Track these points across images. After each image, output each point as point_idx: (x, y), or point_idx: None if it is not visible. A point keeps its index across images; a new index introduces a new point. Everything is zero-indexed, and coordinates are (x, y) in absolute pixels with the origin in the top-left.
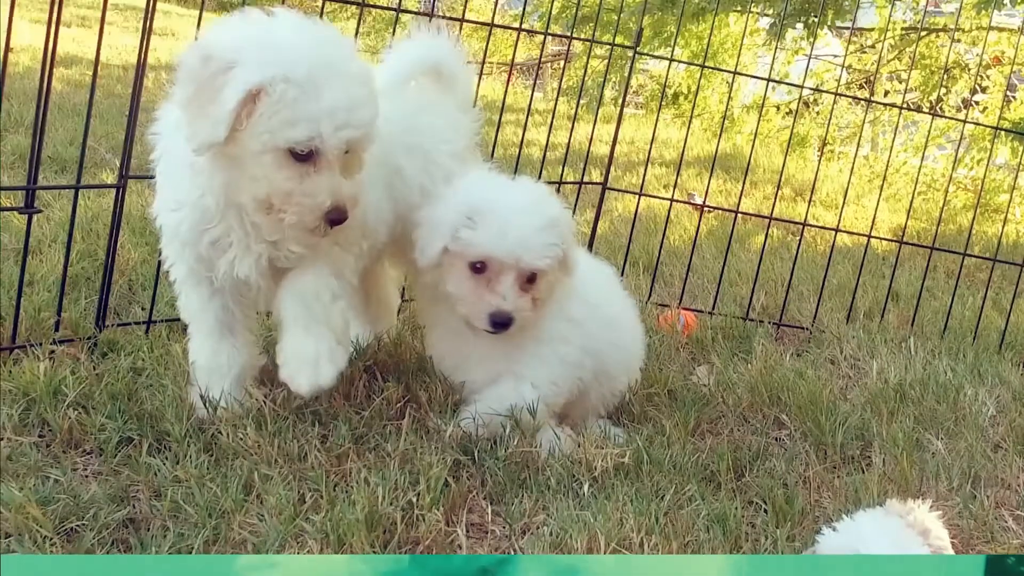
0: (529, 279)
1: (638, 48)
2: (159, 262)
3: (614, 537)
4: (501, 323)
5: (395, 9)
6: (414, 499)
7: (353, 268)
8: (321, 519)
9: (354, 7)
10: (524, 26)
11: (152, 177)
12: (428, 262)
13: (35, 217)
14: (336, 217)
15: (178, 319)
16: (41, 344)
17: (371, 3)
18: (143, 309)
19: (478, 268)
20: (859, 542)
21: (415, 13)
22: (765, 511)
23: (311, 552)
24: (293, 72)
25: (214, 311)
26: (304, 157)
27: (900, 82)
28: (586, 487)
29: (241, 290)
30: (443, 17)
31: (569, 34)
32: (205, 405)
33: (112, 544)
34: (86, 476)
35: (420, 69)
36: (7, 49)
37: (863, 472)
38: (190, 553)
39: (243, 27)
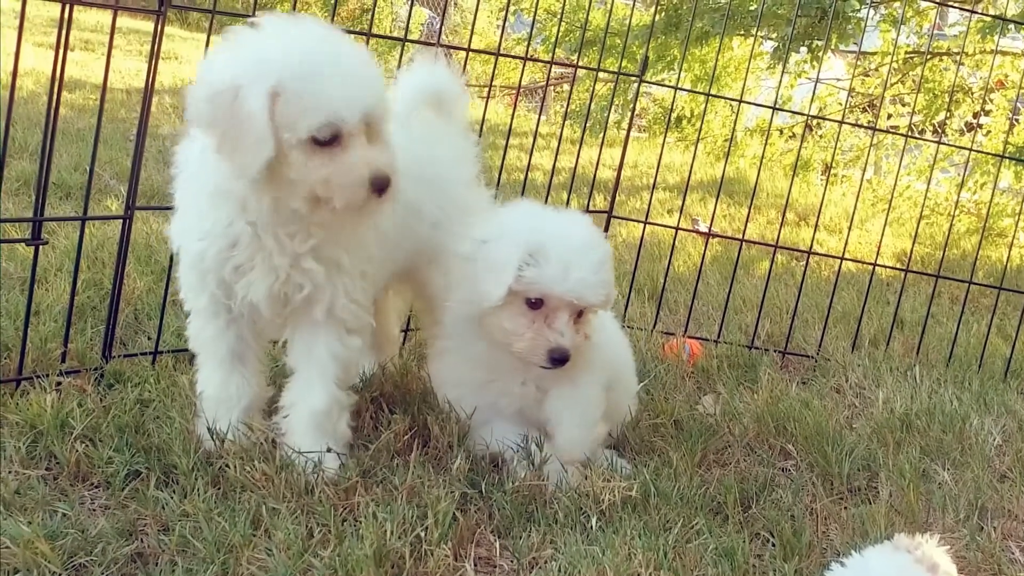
0: (579, 314)
1: (643, 75)
2: (165, 291)
3: (623, 572)
4: (560, 359)
5: (400, 39)
6: (422, 534)
7: (357, 362)
8: (329, 554)
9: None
10: (528, 49)
11: (160, 208)
12: (494, 303)
13: (40, 247)
14: (381, 185)
15: (185, 349)
16: (48, 375)
17: (376, 33)
18: (149, 338)
19: (534, 304)
20: None
21: (421, 43)
22: (772, 544)
23: None
24: (294, 68)
25: (228, 341)
26: (329, 143)
27: (903, 105)
28: (594, 521)
29: (256, 318)
30: (448, 47)
31: (575, 61)
32: (212, 437)
33: None
34: (94, 510)
35: (424, 97)
36: (13, 83)
37: (870, 503)
38: None
39: (230, 49)
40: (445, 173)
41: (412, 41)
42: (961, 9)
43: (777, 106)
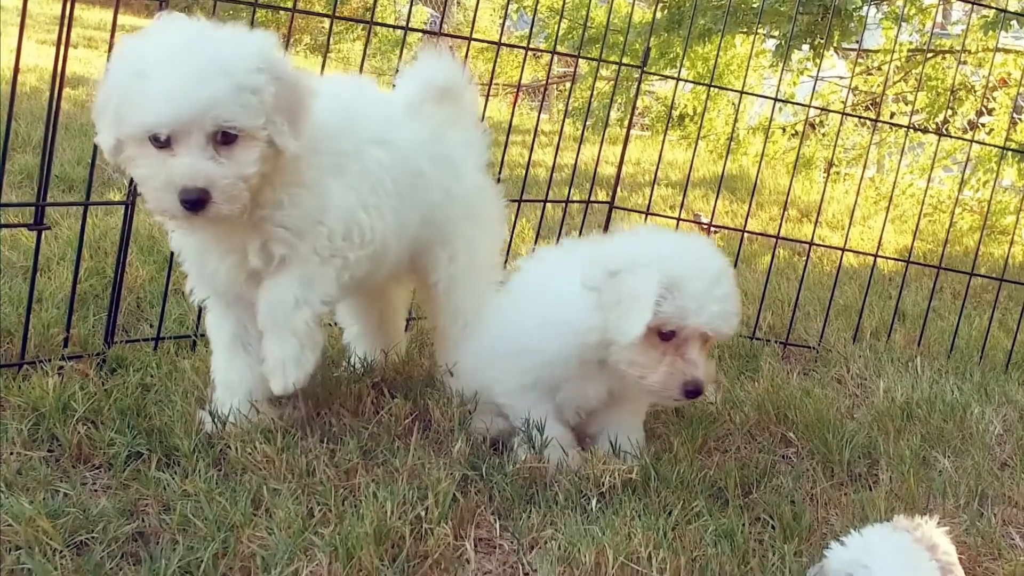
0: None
1: (645, 68)
2: (167, 279)
3: (622, 551)
4: (695, 392)
5: (403, 28)
6: (422, 513)
7: (333, 278)
8: (330, 533)
9: (359, 27)
10: (530, 42)
11: None
12: (633, 341)
13: (43, 235)
14: (188, 198)
15: (186, 336)
16: (50, 360)
17: (379, 22)
18: (151, 326)
19: (665, 336)
20: (867, 557)
21: (423, 32)
22: (773, 527)
23: (320, 565)
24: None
25: (229, 327)
26: (163, 144)
27: (906, 103)
28: (594, 502)
29: (248, 303)
30: (450, 36)
31: (576, 54)
32: (213, 420)
33: (121, 557)
34: (95, 490)
35: (432, 90)
36: (16, 70)
37: (870, 489)
38: (200, 567)
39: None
40: (454, 153)
41: (414, 30)
42: (963, 0)
43: (779, 98)
